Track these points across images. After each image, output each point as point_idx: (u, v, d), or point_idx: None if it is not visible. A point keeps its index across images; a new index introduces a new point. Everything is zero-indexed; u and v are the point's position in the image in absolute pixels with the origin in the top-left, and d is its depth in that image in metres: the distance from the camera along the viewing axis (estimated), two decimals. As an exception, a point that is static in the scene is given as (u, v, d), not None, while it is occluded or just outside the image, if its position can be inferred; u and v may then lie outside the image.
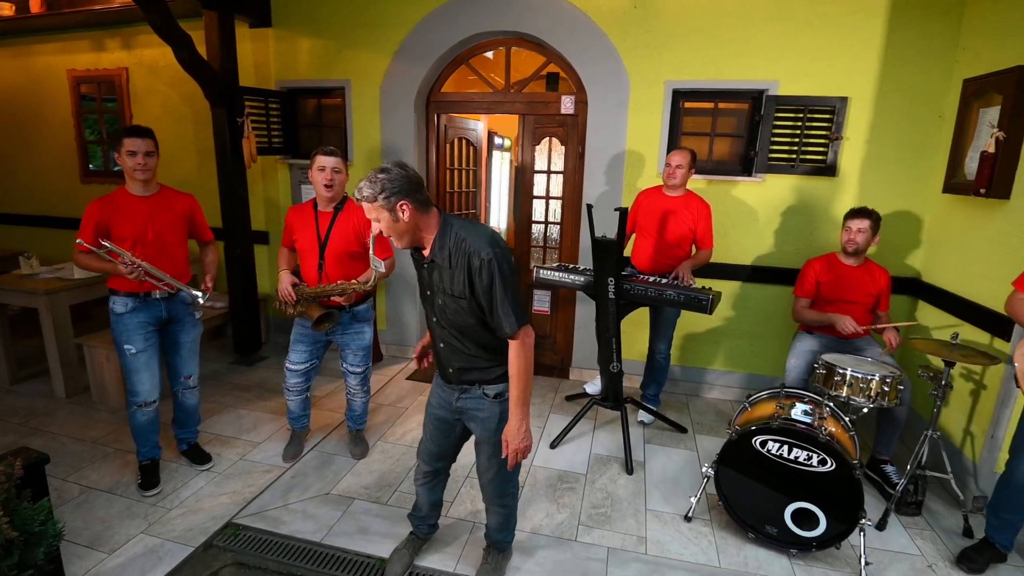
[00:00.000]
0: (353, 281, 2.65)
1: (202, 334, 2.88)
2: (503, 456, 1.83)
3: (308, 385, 2.93)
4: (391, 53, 3.95)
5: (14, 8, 4.53)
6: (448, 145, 4.36)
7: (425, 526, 2.28)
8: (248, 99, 3.94)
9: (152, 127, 4.70)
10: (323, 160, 2.62)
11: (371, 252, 1.99)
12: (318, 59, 4.13)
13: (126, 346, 2.58)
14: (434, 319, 1.84)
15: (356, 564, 2.27)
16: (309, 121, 4.39)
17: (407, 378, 4.11)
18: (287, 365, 2.86)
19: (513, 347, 1.73)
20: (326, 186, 2.62)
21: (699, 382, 3.98)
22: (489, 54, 4.08)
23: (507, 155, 9.14)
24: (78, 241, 2.43)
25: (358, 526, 2.50)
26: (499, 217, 9.16)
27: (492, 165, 7.06)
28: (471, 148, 4.76)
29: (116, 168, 5.09)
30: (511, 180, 9.30)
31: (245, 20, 4.11)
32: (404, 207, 1.62)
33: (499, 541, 2.19)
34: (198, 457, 2.94)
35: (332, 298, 2.69)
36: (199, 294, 2.63)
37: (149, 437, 2.72)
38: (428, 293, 1.81)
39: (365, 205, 1.64)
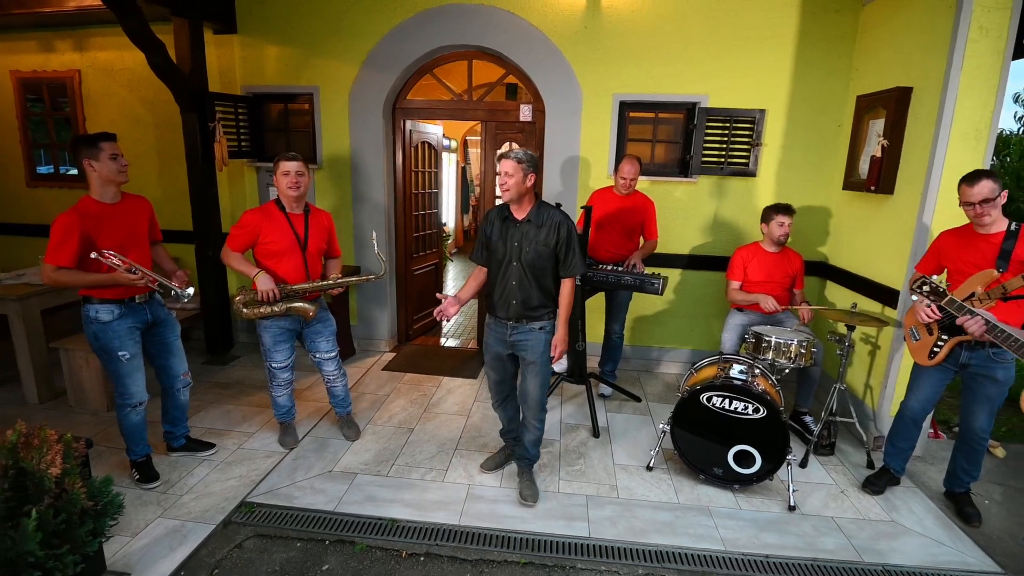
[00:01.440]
0: (356, 277, 2.95)
1: None
2: (552, 355, 2.62)
3: (293, 377, 3.14)
4: (359, 62, 4.18)
5: (-49, 7, 4.37)
6: (413, 149, 4.64)
7: (511, 439, 2.97)
8: (218, 104, 4.06)
9: (109, 131, 4.74)
10: (287, 165, 2.80)
11: (376, 249, 2.30)
12: (286, 66, 4.30)
13: (120, 352, 2.62)
14: (515, 263, 2.56)
15: (370, 526, 2.57)
16: (275, 125, 4.53)
17: (383, 368, 4.37)
18: (273, 366, 3.03)
19: (567, 283, 2.60)
20: (292, 188, 2.81)
21: (648, 359, 4.50)
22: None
23: (453, 156, 9.46)
24: (102, 254, 2.38)
25: (365, 495, 2.78)
26: (448, 214, 9.46)
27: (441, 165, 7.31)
28: (432, 151, 5.05)
29: (66, 171, 5.01)
30: (457, 179, 9.63)
31: (209, 27, 4.21)
32: (531, 178, 2.50)
33: (532, 457, 2.84)
34: (199, 446, 3.08)
35: (330, 291, 2.95)
36: (189, 290, 2.67)
37: (142, 435, 2.80)
38: (516, 244, 2.55)
39: (510, 162, 2.44)
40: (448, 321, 2.58)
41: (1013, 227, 2.48)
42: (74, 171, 4.97)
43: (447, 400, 3.87)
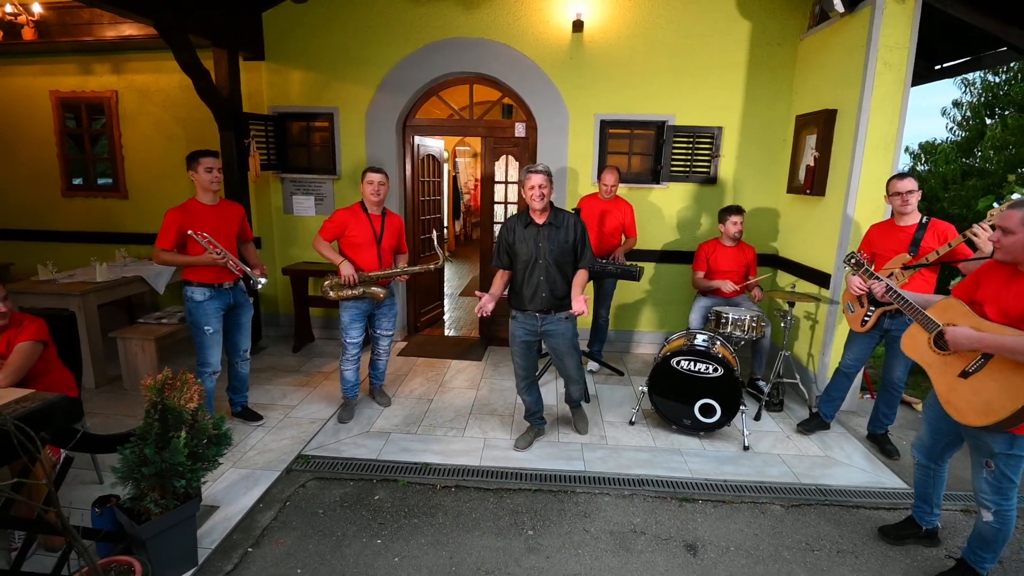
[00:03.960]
0: (419, 266, 3.61)
1: None
2: (578, 312, 3.00)
3: (360, 354, 3.71)
4: (375, 86, 4.80)
5: (2, 34, 4.84)
6: (420, 161, 5.26)
7: (538, 420, 3.44)
8: (252, 123, 4.62)
9: (143, 146, 5.32)
10: (371, 176, 3.49)
11: (436, 243, 2.91)
12: (309, 89, 4.88)
13: (206, 327, 3.24)
14: (540, 262, 3.06)
15: (408, 468, 3.16)
16: (297, 141, 5.10)
17: (398, 355, 4.95)
18: (348, 341, 3.60)
19: (582, 271, 3.12)
20: (374, 194, 3.47)
21: (629, 341, 5.17)
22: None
23: (446, 166, 10.07)
24: (198, 235, 3.05)
25: (400, 447, 3.37)
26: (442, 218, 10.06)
27: (443, 175, 7.88)
28: (435, 163, 5.67)
29: (100, 183, 5.50)
30: (449, 187, 10.24)
31: (241, 54, 4.77)
32: (552, 188, 3.05)
33: (578, 400, 3.54)
34: (251, 416, 3.64)
35: (398, 277, 3.58)
36: (263, 280, 3.36)
37: (210, 402, 3.37)
38: (540, 245, 3.04)
39: (542, 176, 2.97)
40: (487, 315, 3.07)
41: (924, 220, 3.18)
42: (108, 181, 5.46)
43: (458, 378, 4.47)
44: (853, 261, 2.89)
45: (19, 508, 1.99)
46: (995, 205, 3.21)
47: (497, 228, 5.19)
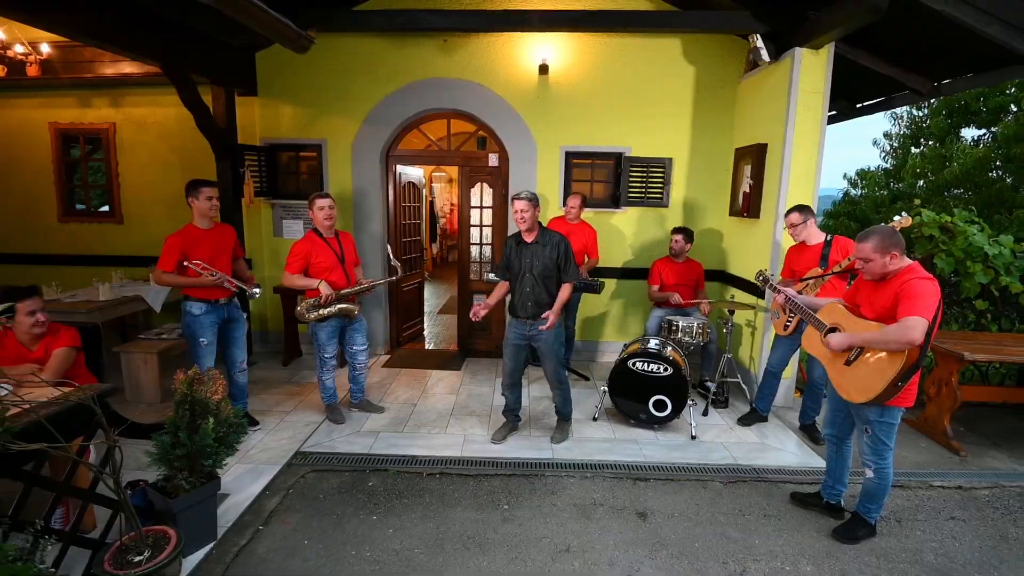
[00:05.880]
0: (382, 280, 3.99)
1: None
2: (547, 327, 3.49)
3: (336, 365, 4.10)
4: (361, 120, 5.27)
5: (5, 70, 5.17)
6: (401, 188, 5.73)
7: (514, 416, 3.89)
8: (246, 153, 5.03)
9: (139, 174, 5.69)
10: (322, 202, 3.81)
11: (391, 257, 3.36)
12: (298, 122, 5.33)
13: (201, 339, 3.58)
14: (528, 275, 3.50)
15: (397, 460, 3.56)
16: (287, 169, 5.51)
17: (383, 366, 5.34)
18: (325, 356, 3.96)
19: (566, 286, 3.55)
20: (328, 219, 3.81)
21: (595, 351, 5.67)
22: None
23: (424, 191, 10.54)
24: (192, 264, 3.39)
25: (389, 443, 3.77)
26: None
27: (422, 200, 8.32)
28: (415, 189, 6.14)
29: (98, 209, 5.81)
30: (426, 212, 10.71)
31: (235, 90, 5.20)
32: (538, 211, 3.52)
33: (564, 413, 3.88)
34: (250, 422, 3.96)
35: (366, 292, 3.96)
36: (257, 290, 3.74)
37: None
38: (528, 260, 3.49)
39: (524, 202, 3.43)
40: (478, 319, 3.50)
41: (828, 238, 3.79)
42: (105, 208, 5.77)
43: (439, 385, 4.89)
44: (761, 278, 3.49)
45: (78, 478, 2.32)
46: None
47: (474, 250, 5.69)
